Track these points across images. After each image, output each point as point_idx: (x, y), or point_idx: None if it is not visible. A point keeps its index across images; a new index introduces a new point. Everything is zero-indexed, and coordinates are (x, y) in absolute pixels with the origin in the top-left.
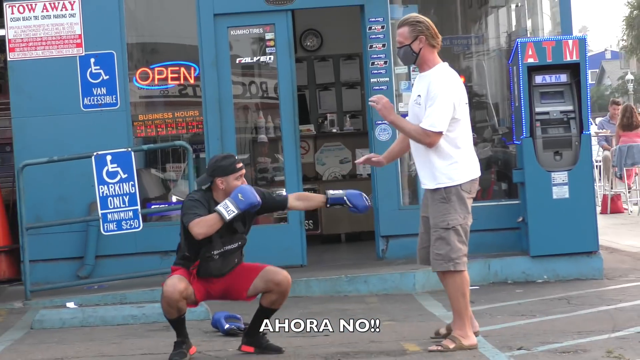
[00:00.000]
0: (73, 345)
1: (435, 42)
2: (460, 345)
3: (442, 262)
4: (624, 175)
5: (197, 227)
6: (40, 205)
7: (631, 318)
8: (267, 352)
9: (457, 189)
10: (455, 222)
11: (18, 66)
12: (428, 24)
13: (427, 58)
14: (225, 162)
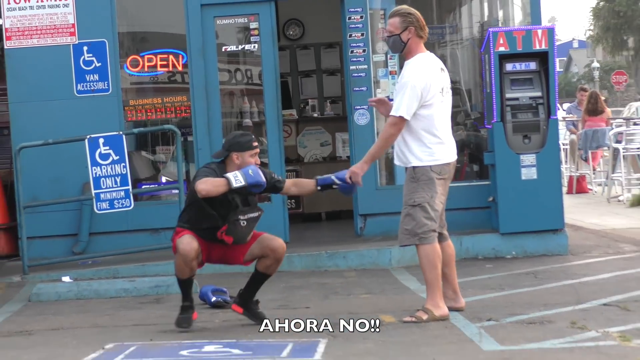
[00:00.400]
0: (68, 316)
1: (423, 33)
2: (432, 316)
3: (409, 236)
4: (589, 157)
5: (202, 184)
6: (36, 186)
7: (594, 291)
8: (252, 317)
9: (426, 170)
10: (421, 200)
11: (15, 54)
12: (417, 16)
13: (412, 48)
14: (244, 139)
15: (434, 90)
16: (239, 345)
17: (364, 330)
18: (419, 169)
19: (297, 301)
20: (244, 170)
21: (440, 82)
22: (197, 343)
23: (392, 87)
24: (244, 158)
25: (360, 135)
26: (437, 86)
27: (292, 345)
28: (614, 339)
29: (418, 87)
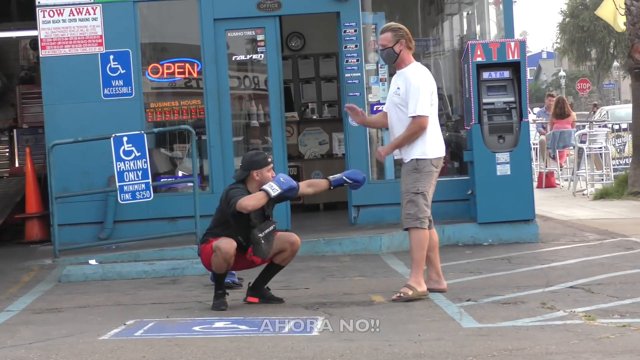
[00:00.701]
0: (94, 295)
1: (411, 44)
2: (416, 292)
3: (411, 220)
4: (556, 156)
5: (246, 201)
6: (67, 178)
7: (561, 275)
8: (270, 302)
9: (428, 163)
10: (423, 189)
11: (49, 62)
12: (406, 30)
13: (404, 58)
14: (259, 157)
15: (434, 94)
16: (246, 322)
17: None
18: (422, 161)
19: (297, 283)
20: (276, 180)
21: (434, 87)
22: (208, 320)
23: (382, 93)
24: (263, 174)
25: (354, 135)
26: (435, 90)
27: (293, 322)
28: (580, 318)
29: (427, 88)
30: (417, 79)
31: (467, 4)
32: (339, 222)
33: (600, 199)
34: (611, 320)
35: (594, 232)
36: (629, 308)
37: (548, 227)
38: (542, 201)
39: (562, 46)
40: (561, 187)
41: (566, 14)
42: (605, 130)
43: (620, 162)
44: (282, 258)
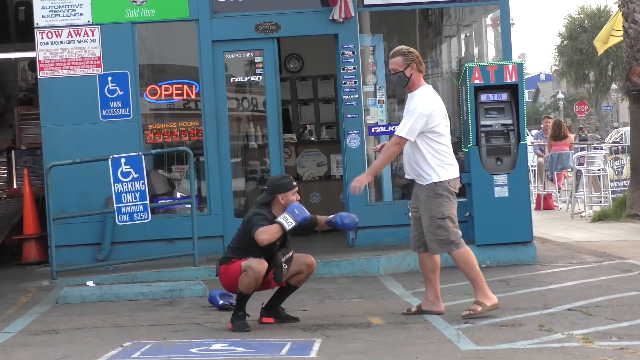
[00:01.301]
0: (92, 317)
1: (422, 67)
2: (485, 307)
3: (445, 245)
4: (554, 178)
5: (263, 234)
6: (65, 200)
7: (559, 297)
8: (286, 321)
9: (445, 185)
10: (448, 212)
11: (47, 83)
12: (416, 54)
13: (415, 81)
14: (284, 180)
15: (440, 117)
16: (243, 343)
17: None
18: (440, 184)
19: (295, 304)
20: (289, 211)
21: (443, 110)
22: (206, 342)
23: (380, 115)
24: (288, 197)
25: (352, 157)
26: (442, 113)
27: (290, 344)
28: (578, 341)
29: (425, 113)
30: (418, 102)
31: (465, 26)
32: (337, 243)
33: (598, 221)
34: (609, 343)
35: (592, 254)
36: (626, 331)
37: (546, 249)
38: (540, 223)
39: (561, 68)
40: (559, 209)
41: (564, 37)
42: (604, 152)
43: (618, 184)
44: (297, 280)
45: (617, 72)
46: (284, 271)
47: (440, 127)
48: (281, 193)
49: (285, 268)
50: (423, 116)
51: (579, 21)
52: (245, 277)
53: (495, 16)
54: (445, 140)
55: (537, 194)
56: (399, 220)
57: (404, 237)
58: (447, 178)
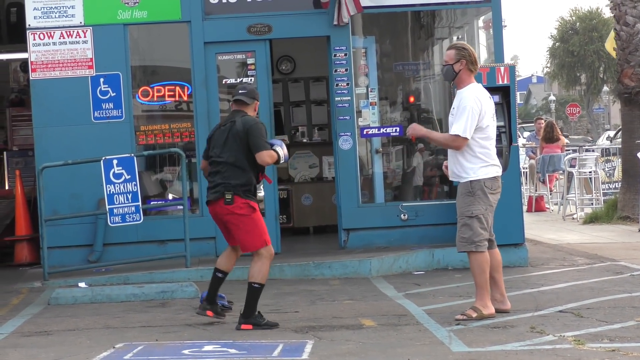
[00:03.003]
0: (83, 318)
1: (473, 67)
2: (481, 314)
3: (466, 244)
4: (546, 180)
5: (268, 159)
6: (56, 201)
7: (551, 299)
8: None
9: (480, 184)
10: (478, 212)
11: (39, 84)
12: (471, 52)
13: (463, 78)
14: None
15: (488, 116)
16: (235, 345)
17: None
18: (475, 183)
19: (287, 306)
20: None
21: (492, 109)
22: (198, 343)
23: (372, 117)
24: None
25: (344, 158)
26: (490, 112)
27: (282, 346)
28: (569, 343)
29: (476, 111)
30: (468, 101)
31: (457, 28)
32: (329, 245)
33: (589, 223)
34: (600, 345)
35: (584, 256)
36: (618, 332)
37: (538, 251)
38: (531, 225)
39: (552, 70)
40: (551, 211)
41: (556, 39)
42: (595, 155)
43: (610, 186)
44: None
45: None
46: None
47: (488, 127)
48: (258, 101)
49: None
50: (475, 113)
51: (570, 23)
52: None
53: (487, 18)
54: (489, 140)
55: (529, 196)
56: (391, 222)
57: (396, 238)
58: (483, 177)
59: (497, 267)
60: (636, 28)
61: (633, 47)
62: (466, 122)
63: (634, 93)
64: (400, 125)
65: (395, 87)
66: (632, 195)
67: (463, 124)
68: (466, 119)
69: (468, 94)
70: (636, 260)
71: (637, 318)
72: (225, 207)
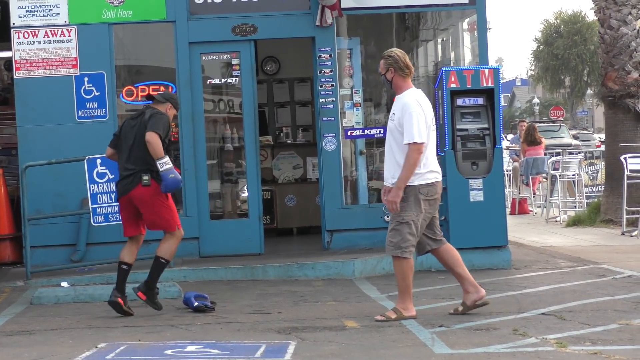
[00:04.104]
0: (66, 318)
1: (404, 72)
2: (401, 315)
3: (393, 248)
4: (530, 182)
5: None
6: (40, 200)
7: (534, 302)
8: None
9: (415, 190)
10: (408, 218)
11: (23, 83)
12: (397, 57)
13: (399, 84)
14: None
15: (428, 119)
16: (218, 345)
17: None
18: (410, 188)
19: (270, 307)
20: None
21: (430, 113)
22: (180, 343)
23: (356, 118)
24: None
25: (328, 159)
26: (429, 117)
27: (265, 347)
28: (552, 345)
29: (421, 114)
30: (411, 105)
31: (442, 30)
32: (313, 246)
33: (572, 226)
34: (583, 348)
35: (567, 259)
36: (600, 335)
37: (521, 254)
38: (514, 227)
39: (537, 73)
40: (534, 214)
41: (540, 42)
42: (578, 158)
43: (593, 189)
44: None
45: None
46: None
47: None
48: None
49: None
50: (421, 116)
51: (555, 26)
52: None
53: (472, 21)
54: (428, 143)
55: (512, 198)
56: (375, 223)
57: (380, 240)
58: (418, 183)
59: (457, 262)
60: (620, 31)
61: (617, 51)
62: (416, 126)
63: (618, 96)
64: (385, 126)
65: (379, 89)
66: (615, 199)
67: (414, 129)
68: (415, 123)
69: (408, 99)
70: (619, 263)
71: (619, 321)
72: (143, 189)
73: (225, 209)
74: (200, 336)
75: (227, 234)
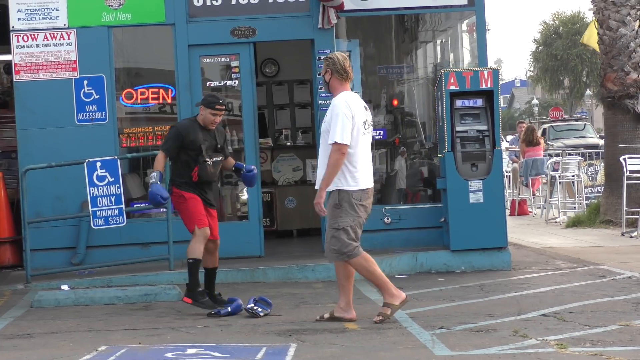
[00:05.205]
0: (66, 321)
1: (341, 75)
2: (394, 306)
3: (337, 255)
4: (529, 183)
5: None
6: (40, 203)
7: (534, 303)
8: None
9: (348, 195)
10: (345, 224)
11: (22, 86)
12: (336, 60)
13: (335, 87)
14: (211, 98)
15: (357, 124)
16: (218, 348)
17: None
18: (343, 193)
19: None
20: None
21: (362, 117)
22: (181, 346)
23: None
24: (205, 114)
25: None
26: (360, 120)
27: (266, 349)
28: (552, 347)
29: (349, 116)
30: (340, 107)
31: (441, 31)
32: (312, 248)
33: (572, 227)
34: (583, 349)
35: (566, 260)
36: (600, 337)
37: (520, 255)
38: (514, 229)
39: (536, 74)
40: (534, 215)
41: (539, 43)
42: (578, 159)
43: (593, 190)
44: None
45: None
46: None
47: (358, 137)
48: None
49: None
50: (348, 118)
51: (553, 27)
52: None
53: (471, 22)
54: (359, 147)
55: (512, 199)
56: (375, 225)
57: (379, 242)
58: (350, 188)
59: (349, 276)
60: (619, 32)
61: (616, 52)
62: (341, 128)
63: (617, 97)
64: (384, 128)
65: (379, 91)
66: (615, 199)
67: (339, 130)
68: (340, 125)
69: (338, 101)
70: (619, 264)
71: (619, 322)
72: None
73: (225, 212)
74: (200, 339)
75: (227, 236)
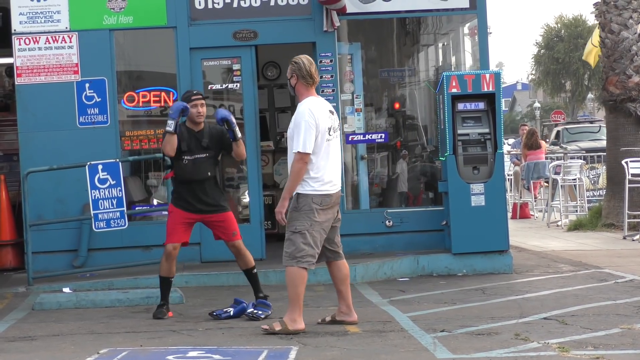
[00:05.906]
0: (68, 324)
1: (306, 80)
2: (285, 328)
3: (288, 259)
4: (531, 187)
5: (163, 147)
6: (41, 206)
7: (535, 306)
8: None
9: (308, 200)
10: (301, 228)
11: (24, 89)
12: (302, 65)
13: (300, 92)
14: (185, 94)
15: (322, 130)
16: (220, 351)
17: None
18: (302, 197)
19: (272, 312)
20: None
21: (327, 123)
22: (182, 349)
23: (357, 123)
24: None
25: None
26: (324, 126)
27: (267, 352)
28: (554, 350)
29: (312, 124)
30: (302, 115)
31: (442, 34)
32: None
33: (574, 230)
34: (585, 352)
35: (568, 263)
36: (602, 340)
37: (522, 258)
38: (516, 232)
39: (537, 78)
40: (535, 218)
41: (541, 46)
42: (580, 162)
43: (594, 193)
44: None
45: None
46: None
47: (322, 142)
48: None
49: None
50: (311, 126)
51: (555, 30)
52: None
53: (473, 25)
54: (322, 152)
55: (514, 202)
56: (376, 228)
57: (381, 245)
58: (309, 192)
59: (343, 280)
60: (621, 35)
61: (618, 55)
62: (304, 136)
63: (619, 100)
64: (386, 132)
65: (380, 94)
66: (617, 203)
67: (301, 139)
68: (303, 133)
69: (302, 109)
70: (620, 267)
71: (621, 325)
72: None
73: None
74: (202, 342)
75: None
